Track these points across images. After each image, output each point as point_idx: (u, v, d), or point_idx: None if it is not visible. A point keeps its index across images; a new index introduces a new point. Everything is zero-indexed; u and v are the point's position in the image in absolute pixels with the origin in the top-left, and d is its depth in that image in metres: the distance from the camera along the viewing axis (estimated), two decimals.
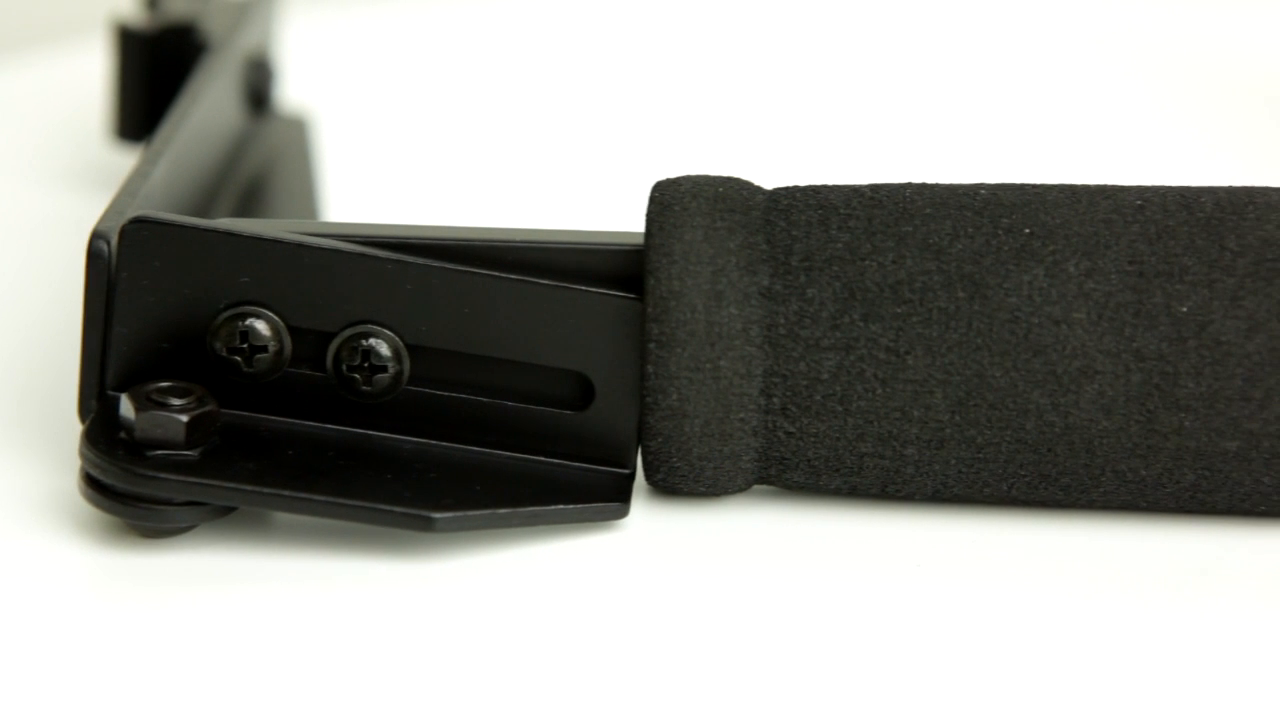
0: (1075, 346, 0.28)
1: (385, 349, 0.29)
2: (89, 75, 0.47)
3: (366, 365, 0.29)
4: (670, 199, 0.29)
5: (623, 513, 0.29)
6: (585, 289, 0.29)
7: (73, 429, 0.30)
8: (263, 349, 0.29)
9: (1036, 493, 0.29)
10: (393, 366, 0.29)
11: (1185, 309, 0.28)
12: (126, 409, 0.28)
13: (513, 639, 0.27)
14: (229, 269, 0.29)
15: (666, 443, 0.29)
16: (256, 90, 0.42)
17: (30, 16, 0.61)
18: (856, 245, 0.29)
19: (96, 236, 0.29)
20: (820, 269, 0.29)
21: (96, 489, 0.28)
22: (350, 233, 0.29)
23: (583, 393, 0.30)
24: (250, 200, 0.39)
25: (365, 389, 0.29)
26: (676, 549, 0.29)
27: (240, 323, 0.29)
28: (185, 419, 0.28)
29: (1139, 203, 0.29)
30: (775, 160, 0.45)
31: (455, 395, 0.29)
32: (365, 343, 0.29)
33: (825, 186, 0.29)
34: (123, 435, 0.28)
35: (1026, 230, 0.28)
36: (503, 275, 0.29)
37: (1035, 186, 0.29)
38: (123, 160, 0.41)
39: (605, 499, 0.29)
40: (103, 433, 0.28)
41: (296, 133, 0.44)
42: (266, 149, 0.41)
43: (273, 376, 0.29)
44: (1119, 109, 0.50)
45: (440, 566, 0.28)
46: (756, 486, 0.30)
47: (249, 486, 0.28)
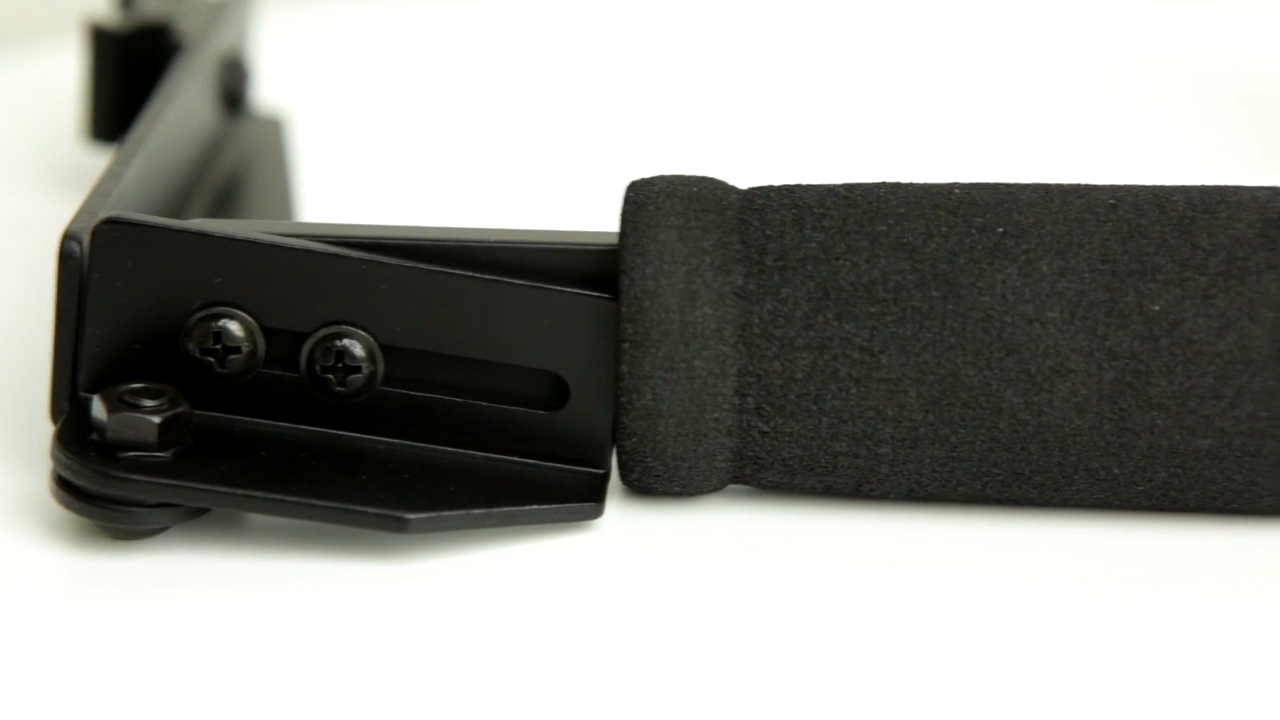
0: (1048, 345, 0.28)
1: (359, 349, 0.29)
2: (62, 75, 0.46)
3: (340, 366, 0.29)
4: (644, 199, 0.29)
5: (597, 513, 0.29)
6: (559, 289, 0.29)
7: (44, 431, 0.30)
8: (236, 350, 0.29)
9: (1010, 491, 0.29)
10: (366, 367, 0.29)
11: (1157, 308, 0.28)
12: (98, 410, 0.28)
13: (487, 640, 0.27)
14: (202, 270, 0.29)
15: (641, 442, 0.29)
16: (231, 90, 0.42)
17: (2, 16, 0.61)
18: (830, 245, 0.29)
19: (68, 237, 0.29)
20: (794, 268, 0.29)
21: (68, 491, 0.28)
22: (324, 233, 0.29)
23: (557, 393, 0.30)
24: (225, 200, 0.39)
25: (339, 390, 0.29)
26: (651, 549, 0.29)
27: (213, 324, 0.29)
28: (157, 420, 0.28)
29: (1112, 202, 0.29)
30: (750, 159, 0.45)
31: (429, 395, 0.29)
32: (339, 343, 0.29)
33: (799, 186, 0.29)
34: (95, 437, 0.28)
35: (1000, 229, 0.29)
36: (477, 275, 0.29)
37: (1008, 186, 0.29)
38: (96, 160, 0.41)
39: (580, 499, 0.29)
40: (74, 434, 0.28)
41: (272, 133, 0.44)
42: (241, 149, 0.41)
43: (246, 377, 0.29)
44: (1096, 107, 0.50)
45: (414, 567, 0.28)
46: (731, 486, 0.30)
47: (222, 488, 0.28)
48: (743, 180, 0.30)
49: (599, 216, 0.31)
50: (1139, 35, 0.53)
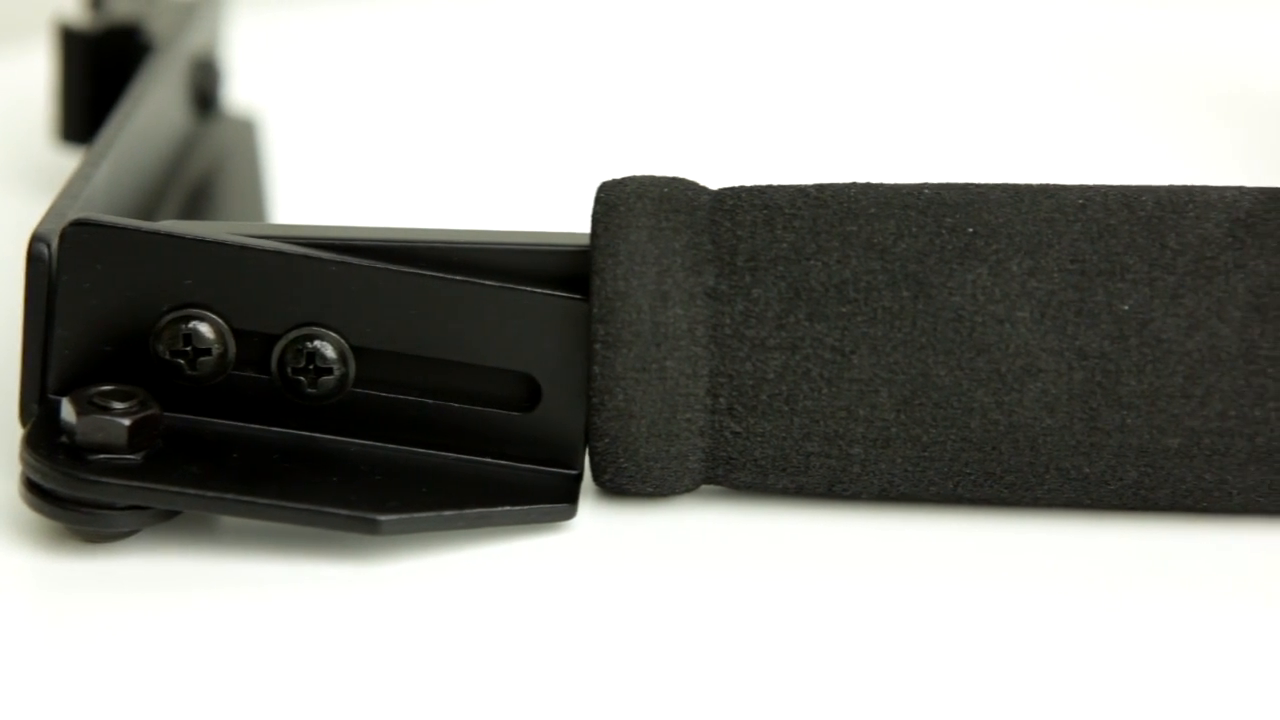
0: (1018, 345, 0.28)
1: (330, 351, 0.29)
2: (32, 76, 0.46)
3: (311, 367, 0.29)
4: (615, 199, 0.29)
5: (570, 514, 0.29)
6: (531, 290, 0.29)
7: (13, 433, 0.30)
8: (206, 352, 0.29)
9: (982, 491, 0.29)
10: (338, 369, 0.29)
11: (1127, 307, 0.28)
12: (68, 413, 0.28)
13: (459, 642, 0.27)
14: (172, 271, 0.29)
15: (613, 443, 0.29)
16: (203, 91, 0.42)
17: None
18: (801, 245, 0.29)
19: (37, 239, 0.29)
20: (765, 269, 0.29)
21: (37, 494, 0.28)
22: (294, 234, 0.29)
23: (529, 394, 0.29)
24: (197, 202, 0.39)
25: (310, 391, 0.29)
26: (624, 550, 0.29)
27: (183, 325, 0.29)
28: (127, 423, 0.28)
29: (1081, 201, 0.29)
30: (722, 160, 0.45)
31: (401, 397, 0.29)
32: (310, 345, 0.29)
33: (770, 187, 0.29)
34: (64, 439, 0.28)
35: (970, 229, 0.29)
36: (448, 276, 0.29)
37: (978, 186, 0.29)
38: (66, 162, 0.41)
39: (552, 500, 0.29)
40: (44, 437, 0.28)
41: (244, 134, 0.44)
42: (213, 150, 0.41)
43: (217, 379, 0.29)
44: (1069, 107, 0.50)
45: (386, 569, 0.28)
46: (704, 486, 0.30)
47: (192, 490, 0.28)
48: (714, 180, 0.30)
49: (571, 217, 0.31)
50: (1113, 36, 0.54)
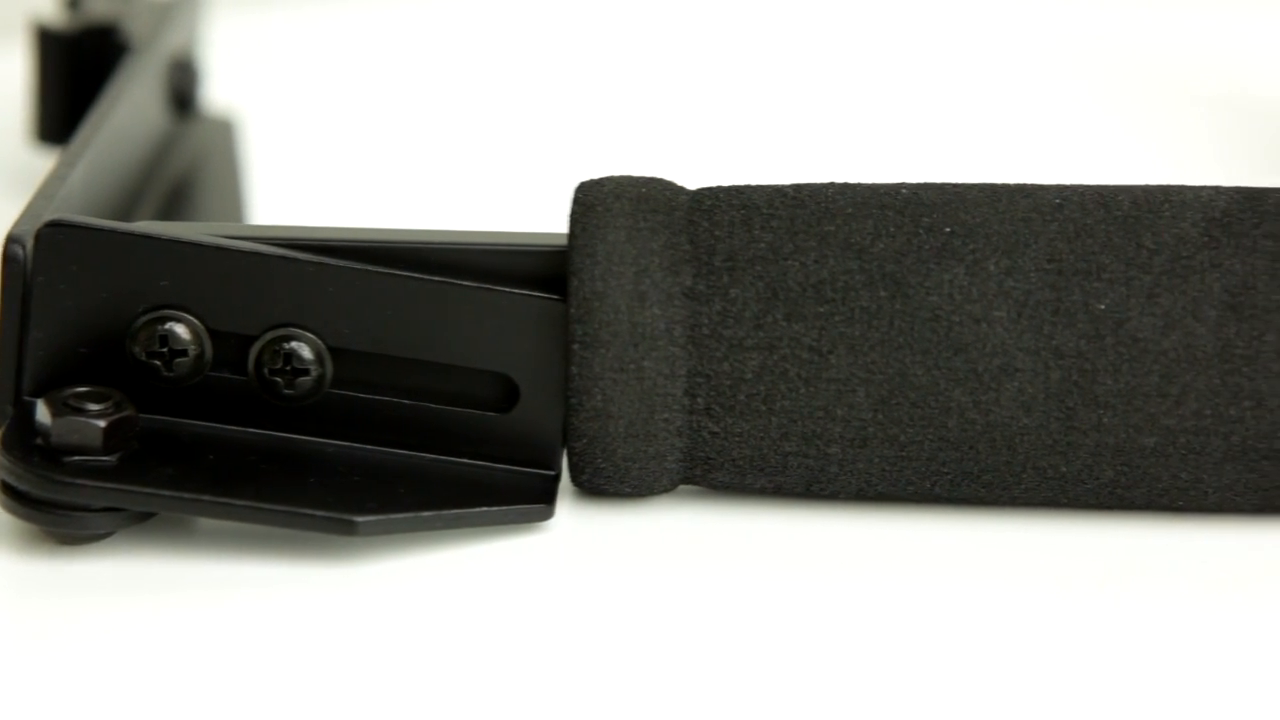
0: (995, 344, 0.29)
1: (307, 352, 0.29)
2: (9, 77, 0.46)
3: (288, 368, 0.29)
4: (593, 200, 0.29)
5: (548, 514, 0.29)
6: (508, 290, 0.29)
7: None
8: (182, 353, 0.29)
9: (959, 490, 0.29)
10: (315, 369, 0.29)
11: (1103, 306, 0.28)
12: (43, 414, 0.28)
13: (437, 642, 0.27)
14: (148, 272, 0.28)
15: (591, 444, 0.29)
16: (180, 92, 0.41)
17: None
18: (779, 245, 0.29)
19: (11, 240, 0.28)
20: (743, 269, 0.29)
21: (12, 496, 0.28)
22: (271, 235, 0.29)
23: (507, 394, 0.29)
24: (175, 203, 0.39)
25: (287, 392, 0.29)
26: (602, 550, 0.29)
27: (159, 327, 0.29)
28: (103, 424, 0.28)
29: (1058, 201, 0.29)
30: (699, 160, 0.45)
31: (378, 398, 0.29)
32: (287, 346, 0.29)
33: (748, 186, 0.29)
34: (39, 441, 0.28)
35: (947, 229, 0.29)
36: (426, 277, 0.29)
37: (956, 186, 0.29)
38: (43, 163, 0.41)
39: (530, 501, 0.29)
40: (19, 439, 0.28)
41: (222, 134, 0.43)
42: (191, 151, 0.41)
43: (193, 381, 0.29)
44: (1054, 107, 0.50)
45: (363, 570, 0.28)
46: (682, 486, 0.30)
47: (168, 491, 0.28)
48: (692, 180, 0.30)
49: (549, 217, 0.31)
50: (1099, 36, 0.54)
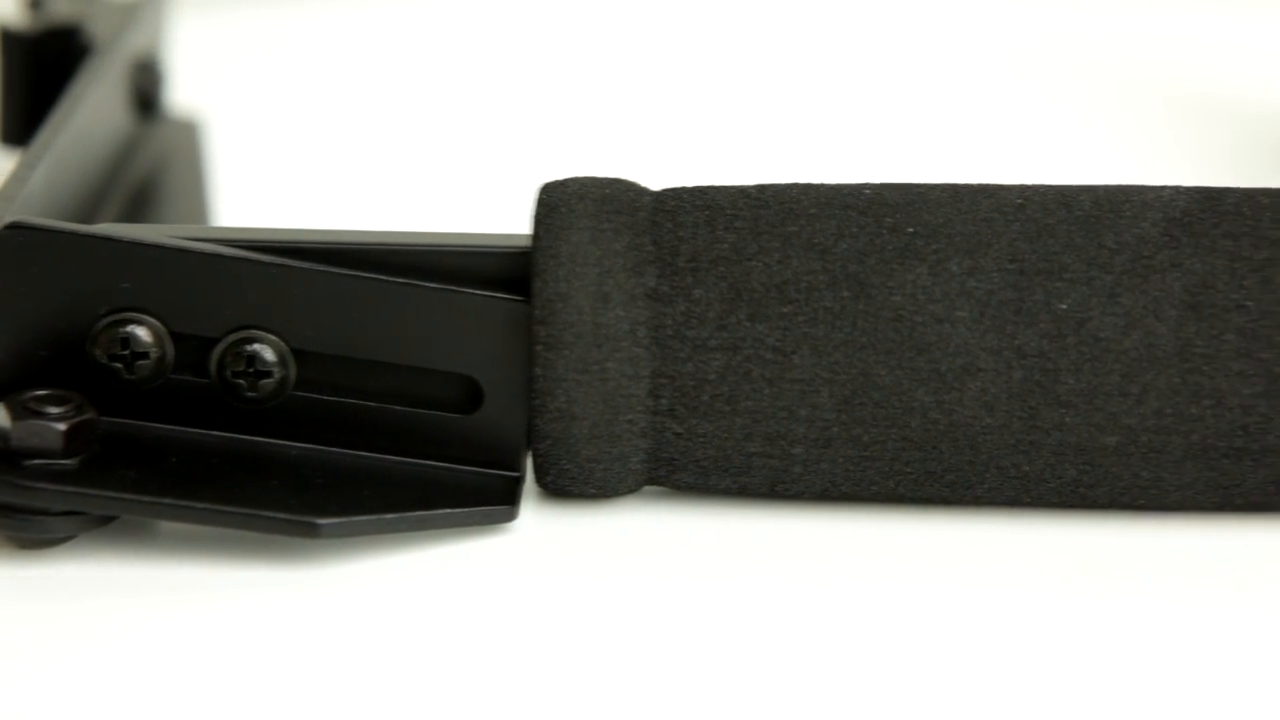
0: (958, 344, 0.29)
1: (270, 354, 0.29)
2: None
3: (251, 371, 0.29)
4: (556, 201, 0.29)
5: (512, 516, 0.29)
6: (472, 292, 0.29)
7: None
8: (144, 355, 0.29)
9: (922, 490, 0.29)
10: (278, 372, 0.29)
11: (1065, 306, 0.29)
12: (2, 417, 0.28)
13: (401, 644, 0.27)
14: (108, 275, 0.28)
15: (555, 445, 0.29)
16: (144, 93, 0.41)
17: None
18: (742, 246, 0.29)
19: None
20: (707, 269, 0.29)
21: None
22: (233, 237, 0.29)
23: (470, 396, 0.29)
24: (138, 204, 0.38)
25: (250, 395, 0.29)
26: (566, 551, 0.29)
27: (121, 329, 0.28)
28: (63, 427, 0.28)
29: (1019, 201, 0.29)
30: (663, 161, 0.45)
31: (342, 400, 0.29)
32: (249, 348, 0.29)
33: (711, 187, 0.29)
34: None
35: (910, 229, 0.29)
36: (389, 279, 0.29)
37: (918, 186, 0.29)
38: (3, 164, 0.41)
39: (494, 502, 0.29)
40: None
41: (186, 136, 0.43)
42: (154, 153, 0.41)
43: (155, 383, 0.29)
44: (1025, 108, 0.50)
45: (326, 573, 0.28)
46: (646, 487, 0.30)
47: (129, 495, 0.27)
48: (656, 181, 0.30)
49: (512, 218, 0.31)
50: (1073, 38, 0.54)
